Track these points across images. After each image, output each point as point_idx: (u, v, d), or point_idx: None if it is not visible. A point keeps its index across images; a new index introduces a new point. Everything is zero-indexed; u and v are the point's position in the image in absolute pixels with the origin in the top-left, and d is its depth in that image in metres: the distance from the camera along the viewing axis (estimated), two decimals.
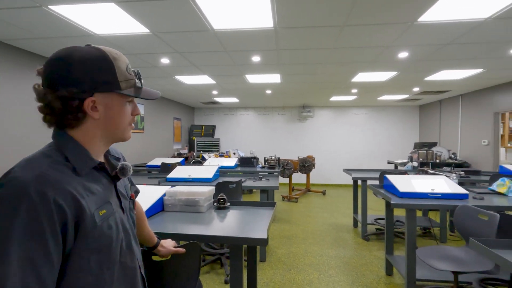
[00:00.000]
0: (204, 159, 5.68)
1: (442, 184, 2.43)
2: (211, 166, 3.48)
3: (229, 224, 1.55)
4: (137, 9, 2.28)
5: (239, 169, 4.63)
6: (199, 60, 3.71)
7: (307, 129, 8.34)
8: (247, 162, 4.98)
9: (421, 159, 5.32)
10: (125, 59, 0.74)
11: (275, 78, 4.73)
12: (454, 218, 2.10)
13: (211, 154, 6.62)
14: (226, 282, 2.63)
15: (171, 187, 1.97)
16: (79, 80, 0.66)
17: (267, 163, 5.15)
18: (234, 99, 7.04)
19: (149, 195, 1.82)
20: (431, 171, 3.49)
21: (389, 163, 6.78)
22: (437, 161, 5.29)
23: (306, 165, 6.62)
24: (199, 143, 7.75)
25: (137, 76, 0.76)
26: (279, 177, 5.10)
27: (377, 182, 3.93)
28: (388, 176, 2.56)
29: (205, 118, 8.71)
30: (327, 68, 4.09)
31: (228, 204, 1.91)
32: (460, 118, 6.16)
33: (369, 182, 3.65)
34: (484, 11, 2.31)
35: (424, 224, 3.73)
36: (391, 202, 2.22)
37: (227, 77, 4.66)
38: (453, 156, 5.77)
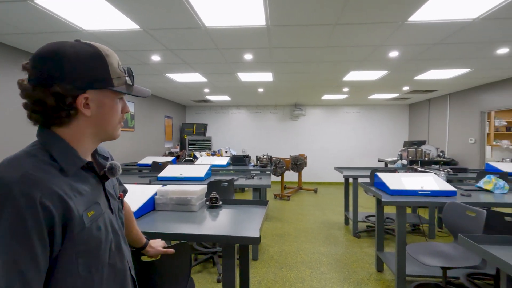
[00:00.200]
0: (195, 157, 5.64)
1: (431, 181, 2.48)
2: (203, 164, 3.46)
3: (221, 223, 1.54)
4: (127, 4, 2.23)
5: (231, 167, 4.62)
6: (190, 57, 3.67)
7: (299, 127, 8.38)
8: (239, 160, 4.97)
9: (410, 157, 5.42)
10: (116, 56, 0.73)
11: (267, 77, 4.72)
12: (443, 215, 2.15)
13: (203, 153, 6.58)
14: (218, 281, 2.62)
15: (162, 186, 1.94)
16: (73, 77, 0.64)
17: (259, 161, 5.15)
18: (226, 97, 7.01)
19: (140, 194, 1.80)
20: (420, 169, 3.55)
21: (379, 161, 6.88)
22: (426, 159, 5.40)
23: (298, 163, 6.65)
24: (190, 141, 7.69)
25: (128, 74, 0.75)
26: (271, 175, 5.11)
27: (368, 180, 3.97)
28: (379, 174, 2.60)
29: (196, 116, 8.65)
30: (319, 67, 4.11)
31: (221, 202, 1.90)
32: (448, 117, 6.29)
33: (360, 180, 3.69)
34: (472, 12, 2.36)
35: (414, 221, 3.80)
36: (382, 199, 2.25)
37: (219, 75, 4.63)
38: (441, 154, 5.89)
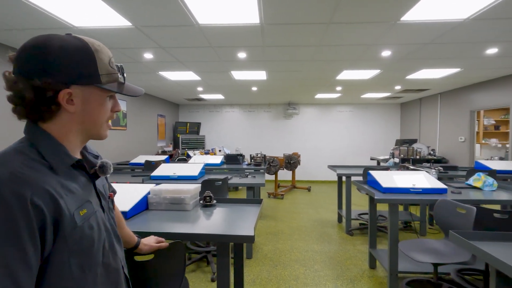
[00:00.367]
0: (189, 156, 5.60)
1: (422, 179, 2.51)
2: (196, 163, 3.44)
3: (215, 222, 1.54)
4: (118, 1, 2.20)
5: (225, 166, 4.61)
6: (183, 55, 3.64)
7: (293, 126, 8.41)
8: (233, 159, 4.96)
9: (402, 155, 5.49)
10: (108, 52, 0.71)
11: (261, 75, 4.72)
12: (434, 212, 2.18)
13: (196, 152, 6.55)
14: (212, 280, 2.61)
15: (156, 185, 1.92)
16: (55, 70, 0.62)
17: (253, 160, 5.15)
18: (219, 96, 6.98)
19: (133, 193, 1.77)
20: (411, 167, 3.60)
21: (372, 159, 6.95)
22: (417, 157, 5.48)
23: (291, 162, 6.67)
24: (184, 140, 7.64)
25: (120, 71, 0.73)
26: (265, 174, 5.12)
27: (361, 178, 4.00)
28: (372, 172, 2.62)
29: (190, 115, 8.59)
30: (312, 66, 4.12)
31: (214, 201, 1.89)
32: (439, 115, 6.39)
33: (353, 178, 3.72)
34: (463, 12, 2.39)
35: (405, 218, 3.86)
36: (375, 197, 2.27)
37: (213, 73, 4.60)
38: (432, 152, 5.99)
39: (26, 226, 0.53)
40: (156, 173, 3.16)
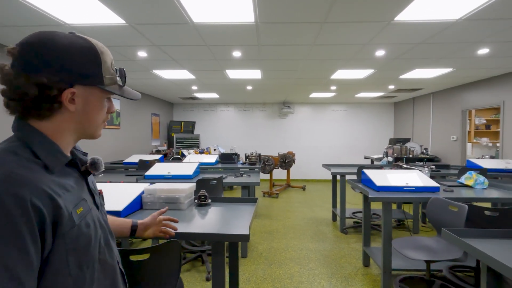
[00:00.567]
0: (183, 155, 5.58)
1: (415, 178, 2.54)
2: (191, 163, 3.43)
3: (210, 221, 1.53)
4: None
5: (219, 165, 4.60)
6: (178, 54, 3.61)
7: (287, 125, 8.42)
8: (227, 158, 4.95)
9: (395, 154, 5.54)
10: (110, 54, 0.72)
11: (256, 74, 4.71)
12: (426, 210, 2.21)
13: (191, 151, 6.52)
14: (207, 280, 2.61)
15: (150, 184, 1.91)
16: (62, 69, 0.61)
17: (248, 159, 5.15)
18: (214, 95, 6.96)
19: (127, 193, 1.76)
20: (405, 166, 3.64)
21: (365, 158, 7.00)
22: (411, 156, 5.54)
23: (286, 161, 6.69)
24: (178, 139, 7.60)
25: (120, 74, 0.74)
26: (260, 173, 5.12)
27: (355, 177, 4.04)
28: (366, 171, 2.64)
29: (184, 114, 8.54)
30: (307, 65, 4.13)
31: (209, 200, 1.89)
32: (432, 115, 6.47)
33: (347, 177, 3.75)
34: (455, 13, 2.43)
35: (399, 217, 3.90)
36: (369, 195, 2.29)
37: (207, 72, 4.58)
38: (425, 151, 6.06)
39: (27, 228, 0.53)
40: (150, 172, 3.14)
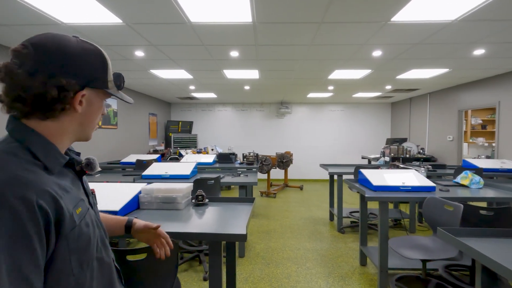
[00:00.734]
0: (181, 155, 5.57)
1: (411, 177, 2.56)
2: (188, 162, 3.42)
3: (208, 221, 1.53)
4: None
5: (217, 165, 4.59)
6: (175, 53, 3.61)
7: (285, 125, 8.44)
8: (225, 158, 4.95)
9: (392, 154, 5.57)
10: (109, 60, 0.76)
11: (254, 74, 4.72)
12: (422, 209, 2.23)
13: (189, 151, 6.51)
14: (205, 279, 2.61)
15: (147, 184, 1.91)
16: (77, 72, 0.65)
17: (245, 159, 5.15)
18: (212, 95, 6.95)
19: (124, 192, 1.76)
20: (401, 166, 3.66)
21: (363, 158, 7.04)
22: (407, 156, 5.58)
23: (284, 160, 6.70)
24: (176, 139, 7.58)
25: (119, 79, 0.78)
26: (258, 173, 5.12)
27: (352, 177, 4.06)
28: (363, 171, 2.66)
29: (182, 113, 8.53)
30: (304, 65, 4.14)
31: (207, 200, 1.89)
32: (428, 115, 6.51)
33: (344, 176, 3.76)
34: (451, 13, 2.44)
35: (395, 216, 3.92)
36: (365, 195, 2.30)
37: (205, 72, 4.58)
38: (421, 151, 6.10)
39: (35, 230, 0.54)
40: (148, 172, 3.13)
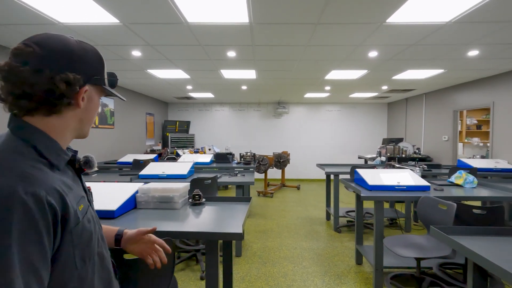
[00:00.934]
0: (178, 155, 5.57)
1: (407, 177, 2.59)
2: (185, 162, 3.43)
3: (204, 220, 1.55)
4: None
5: (214, 165, 4.60)
6: (172, 53, 3.61)
7: (282, 125, 8.46)
8: (222, 158, 4.96)
9: (388, 153, 5.61)
10: None
11: (251, 74, 4.73)
12: (417, 208, 2.25)
13: (186, 150, 6.50)
14: (202, 278, 2.62)
15: (144, 184, 1.91)
16: (82, 68, 0.68)
17: (242, 159, 5.16)
18: (209, 95, 6.95)
19: (121, 192, 1.76)
20: (397, 165, 3.69)
21: (359, 157, 7.08)
22: (403, 155, 5.62)
23: (281, 160, 6.72)
24: (173, 139, 7.57)
25: (113, 76, 0.81)
26: (255, 172, 5.14)
27: (348, 176, 4.09)
28: (359, 170, 2.68)
29: (179, 113, 8.52)
30: (301, 65, 4.16)
31: (204, 200, 1.90)
32: (424, 115, 6.56)
33: (341, 176, 3.79)
34: (445, 15, 2.47)
35: (391, 215, 3.95)
36: (361, 194, 2.33)
37: (202, 72, 4.58)
38: (417, 151, 6.15)
39: (45, 225, 0.56)
40: (145, 172, 3.13)
